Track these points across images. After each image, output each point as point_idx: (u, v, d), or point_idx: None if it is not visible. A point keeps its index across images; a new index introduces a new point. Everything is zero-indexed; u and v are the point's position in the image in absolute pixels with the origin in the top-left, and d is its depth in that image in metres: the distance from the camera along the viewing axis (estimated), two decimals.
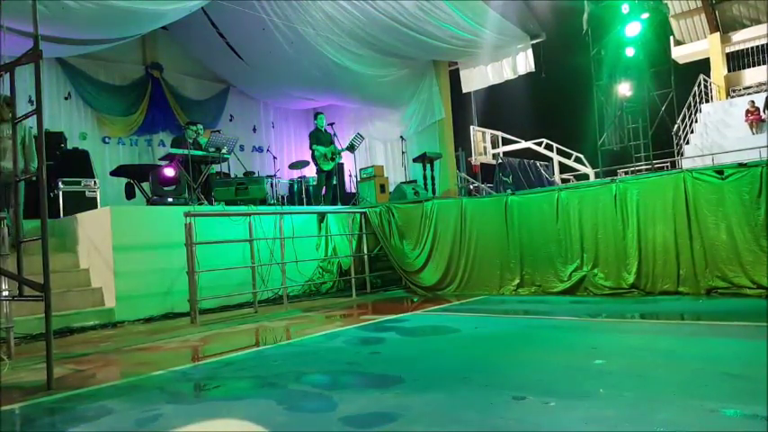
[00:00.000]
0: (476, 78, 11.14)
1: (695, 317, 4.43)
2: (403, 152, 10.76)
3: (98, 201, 7.30)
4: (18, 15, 4.90)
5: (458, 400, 2.53)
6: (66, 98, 9.48)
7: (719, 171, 5.20)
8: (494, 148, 16.85)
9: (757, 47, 18.14)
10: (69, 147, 8.30)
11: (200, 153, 7.46)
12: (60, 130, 8.40)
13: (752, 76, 18.02)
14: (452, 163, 11.41)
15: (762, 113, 14.43)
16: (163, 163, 7.40)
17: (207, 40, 9.71)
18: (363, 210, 7.84)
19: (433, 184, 9.91)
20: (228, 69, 10.81)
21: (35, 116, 3.37)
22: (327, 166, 9.08)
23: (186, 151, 7.19)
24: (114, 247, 5.81)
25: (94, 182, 7.42)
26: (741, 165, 5.14)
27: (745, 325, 3.82)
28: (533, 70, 10.57)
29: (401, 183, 9.70)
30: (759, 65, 18.02)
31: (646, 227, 5.51)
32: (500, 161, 14.73)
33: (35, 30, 3.33)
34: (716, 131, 15.13)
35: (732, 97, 17.31)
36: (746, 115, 14.66)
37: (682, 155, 14.97)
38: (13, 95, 3.66)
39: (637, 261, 5.52)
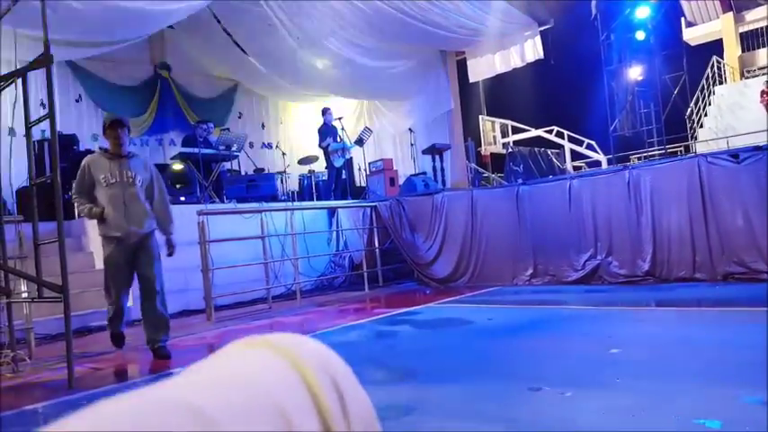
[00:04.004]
0: (483, 67, 11.03)
1: (712, 303, 4.38)
2: (412, 144, 10.72)
3: None
4: (27, 19, 4.94)
5: (473, 392, 2.53)
6: (77, 101, 9.57)
7: (735, 155, 5.11)
8: (503, 137, 16.71)
9: None
10: (81, 149, 8.39)
11: (210, 151, 7.50)
12: (72, 132, 8.49)
13: (767, 55, 17.63)
14: (462, 154, 11.34)
15: None
16: (174, 162, 7.46)
17: (213, 38, 9.72)
18: (374, 203, 7.84)
19: (443, 176, 9.86)
20: (235, 67, 10.82)
21: (48, 120, 3.40)
22: (338, 163, 9.09)
23: (197, 150, 7.23)
24: None
25: None
26: (757, 148, 5.05)
27: (764, 310, 3.77)
28: (542, 57, 10.43)
29: (411, 175, 9.67)
30: None
31: (660, 213, 5.44)
32: (510, 150, 14.61)
33: (45, 34, 3.35)
34: (730, 114, 14.86)
35: (746, 78, 16.96)
36: (761, 96, 14.36)
37: (695, 139, 14.73)
38: (26, 100, 3.70)
39: (651, 248, 5.46)
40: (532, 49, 10.39)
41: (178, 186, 6.93)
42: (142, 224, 3.90)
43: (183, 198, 6.80)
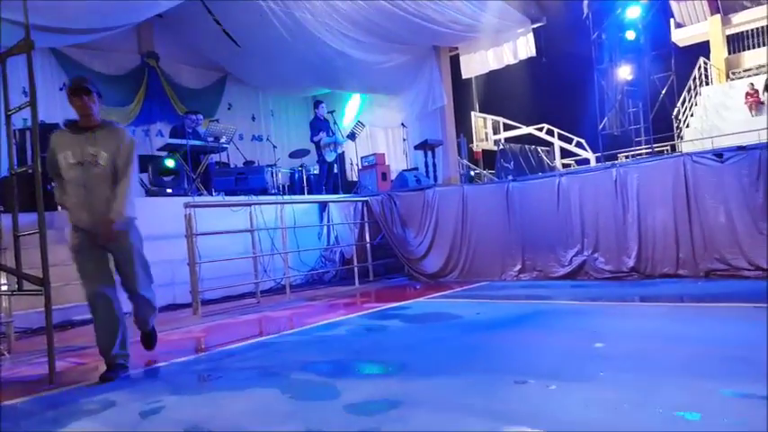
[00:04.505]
0: (476, 63, 11.04)
1: (694, 299, 4.45)
2: (404, 139, 10.72)
3: None
4: (9, 4, 4.84)
5: (461, 385, 2.55)
6: (60, 89, 9.42)
7: (719, 154, 5.19)
8: (495, 134, 16.77)
9: (757, 29, 17.97)
10: None
11: (198, 143, 7.43)
12: (56, 121, 8.35)
13: (752, 58, 17.88)
14: (454, 150, 11.37)
15: (761, 96, 14.35)
16: (162, 153, 7.38)
17: (203, 28, 9.61)
18: (365, 198, 7.84)
19: (435, 172, 9.89)
20: (225, 57, 10.70)
21: (29, 108, 3.34)
22: (330, 157, 9.06)
23: (185, 141, 7.16)
24: None
25: None
26: (740, 148, 5.12)
27: (744, 306, 3.84)
28: (534, 55, 10.47)
29: (403, 170, 9.68)
30: (759, 47, 17.87)
31: (646, 211, 5.51)
32: (501, 147, 14.67)
33: (26, 19, 3.29)
34: (716, 114, 15.07)
35: (732, 80, 17.19)
36: (746, 97, 14.58)
37: (681, 138, 14.92)
38: (5, 87, 3.63)
39: (637, 245, 5.53)
40: (525, 47, 10.42)
41: (165, 178, 6.85)
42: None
43: (169, 190, 6.73)
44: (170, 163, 6.84)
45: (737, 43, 18.43)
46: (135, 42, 10.37)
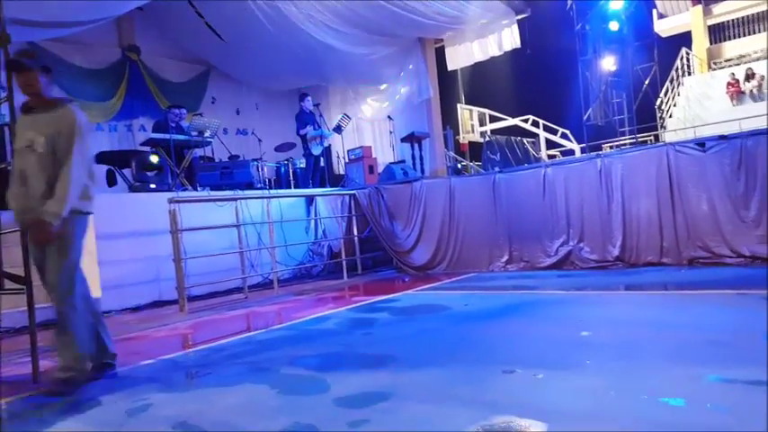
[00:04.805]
0: (461, 55, 11.04)
1: (678, 287, 4.52)
2: (391, 132, 10.69)
3: None
4: None
5: (450, 376, 2.56)
6: None
7: (701, 144, 5.25)
8: (481, 125, 16.81)
9: (738, 19, 18.21)
10: None
11: (182, 137, 7.33)
12: None
13: (732, 48, 18.13)
14: (441, 142, 11.37)
15: (741, 85, 14.57)
16: (145, 149, 7.27)
17: (185, 21, 9.45)
18: (352, 191, 7.81)
19: (422, 164, 9.88)
20: (209, 51, 10.55)
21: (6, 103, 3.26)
22: (317, 150, 9.00)
23: (168, 136, 7.06)
24: (97, 235, 5.73)
25: None
26: (722, 137, 5.20)
27: (728, 293, 3.91)
28: (519, 46, 10.50)
29: (390, 163, 9.66)
30: (739, 37, 18.12)
31: (630, 200, 5.58)
32: (488, 139, 14.72)
33: (0, 12, 3.20)
34: (698, 104, 15.27)
35: (713, 70, 17.42)
36: (727, 87, 14.79)
37: (665, 128, 15.09)
38: None
39: (621, 234, 5.60)
40: (510, 38, 10.44)
41: (149, 173, 6.76)
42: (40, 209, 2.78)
43: (153, 185, 6.64)
44: (154, 159, 6.75)
45: (719, 33, 18.67)
46: (115, 36, 10.18)
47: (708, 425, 1.76)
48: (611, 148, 14.25)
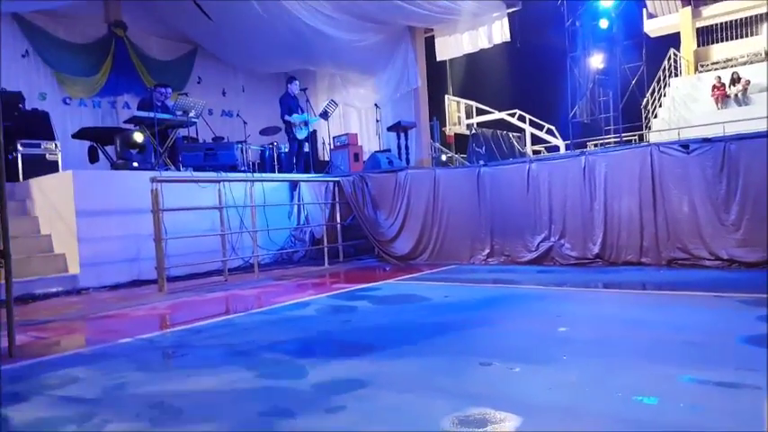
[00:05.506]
0: (451, 46, 11.00)
1: (656, 287, 4.60)
2: (377, 120, 10.64)
3: (59, 164, 7.02)
4: None
5: (427, 366, 2.58)
6: (23, 56, 8.97)
7: (685, 146, 5.33)
8: (468, 118, 16.83)
9: (726, 22, 18.44)
10: (28, 107, 7.90)
11: (166, 116, 7.20)
12: (18, 89, 7.97)
13: (720, 51, 18.37)
14: (427, 132, 11.37)
15: (727, 89, 14.80)
16: (129, 126, 7.12)
17: None
18: (337, 178, 7.78)
19: (407, 154, 9.87)
20: (196, 30, 10.35)
21: None
22: (301, 134, 8.91)
23: (152, 114, 6.92)
24: (77, 212, 5.63)
25: (55, 144, 7.13)
26: (705, 140, 5.27)
27: (705, 295, 3.99)
28: (508, 40, 10.49)
29: (375, 151, 9.63)
30: (727, 41, 18.36)
31: (612, 199, 5.64)
32: (474, 132, 14.75)
33: None
34: (683, 106, 15.47)
35: (700, 72, 17.64)
36: (713, 90, 15.01)
37: (650, 128, 15.28)
38: None
39: (602, 232, 5.67)
40: (500, 32, 10.42)
41: (132, 151, 6.63)
42: None
43: (136, 164, 6.53)
44: (138, 137, 6.62)
45: (707, 36, 18.89)
46: (101, 10, 9.94)
47: (679, 424, 1.80)
48: (595, 146, 14.40)
